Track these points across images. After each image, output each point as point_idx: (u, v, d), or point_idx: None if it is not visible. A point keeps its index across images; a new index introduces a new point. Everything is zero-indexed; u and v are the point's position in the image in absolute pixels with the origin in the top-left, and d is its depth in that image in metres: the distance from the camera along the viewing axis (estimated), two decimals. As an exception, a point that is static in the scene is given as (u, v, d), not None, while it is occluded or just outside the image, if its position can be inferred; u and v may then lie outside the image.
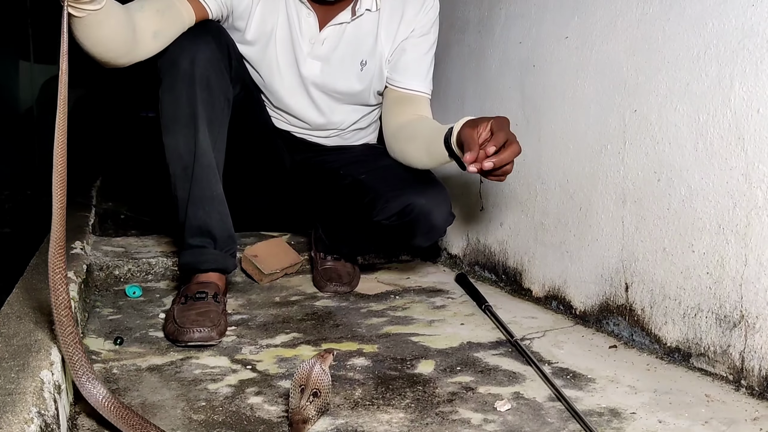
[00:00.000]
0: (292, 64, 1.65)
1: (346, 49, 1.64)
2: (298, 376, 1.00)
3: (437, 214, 1.58)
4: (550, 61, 1.60)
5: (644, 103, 1.33)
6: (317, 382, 0.99)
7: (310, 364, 1.00)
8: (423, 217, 1.57)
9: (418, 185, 1.60)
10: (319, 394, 0.99)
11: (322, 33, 1.62)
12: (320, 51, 1.63)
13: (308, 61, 1.64)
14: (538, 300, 1.67)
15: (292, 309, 1.61)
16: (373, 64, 1.66)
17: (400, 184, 1.61)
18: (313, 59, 1.64)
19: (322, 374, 1.00)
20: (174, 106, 1.44)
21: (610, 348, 1.36)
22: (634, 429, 1.02)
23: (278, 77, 1.65)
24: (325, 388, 0.99)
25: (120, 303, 1.63)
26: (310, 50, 1.63)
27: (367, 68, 1.66)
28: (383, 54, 1.66)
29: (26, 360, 0.91)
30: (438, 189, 1.61)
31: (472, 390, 1.16)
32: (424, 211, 1.56)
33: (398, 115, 1.67)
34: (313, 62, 1.64)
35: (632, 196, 1.37)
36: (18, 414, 0.75)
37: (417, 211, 1.56)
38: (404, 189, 1.58)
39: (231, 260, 1.52)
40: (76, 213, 2.31)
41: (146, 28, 1.37)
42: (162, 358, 1.28)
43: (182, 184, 1.47)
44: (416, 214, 1.56)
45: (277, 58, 1.63)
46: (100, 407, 0.93)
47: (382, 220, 1.59)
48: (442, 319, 1.55)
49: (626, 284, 1.39)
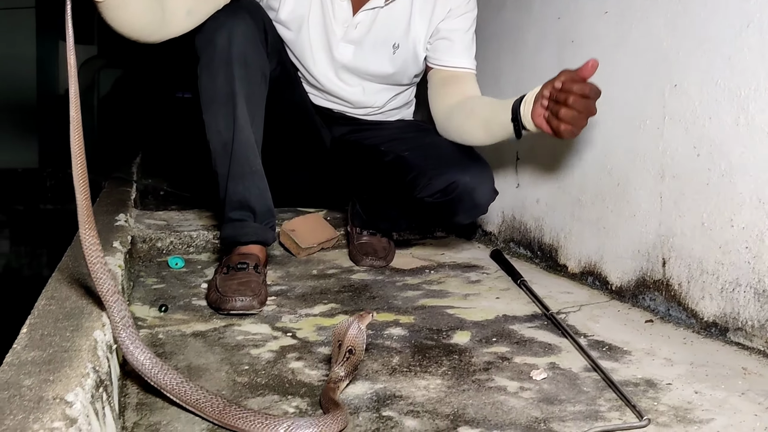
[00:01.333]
0: (325, 48, 1.66)
1: (378, 33, 1.65)
2: (336, 332, 1.04)
3: (481, 192, 1.59)
4: (589, 36, 1.59)
5: (685, 78, 1.33)
6: (353, 340, 1.01)
7: (348, 323, 1.03)
8: (467, 194, 1.58)
9: (462, 162, 1.61)
10: (354, 351, 1.01)
11: (356, 17, 1.63)
12: (353, 35, 1.64)
13: (341, 45, 1.65)
14: (574, 276, 1.67)
15: (329, 281, 1.64)
16: (406, 48, 1.67)
17: (444, 161, 1.62)
18: (346, 43, 1.65)
19: (359, 333, 1.02)
20: (212, 84, 1.47)
21: (646, 322, 1.37)
22: (670, 399, 1.02)
23: (311, 60, 1.67)
24: (359, 346, 1.02)
25: (163, 273, 1.67)
26: (343, 34, 1.64)
27: (399, 51, 1.67)
28: (418, 37, 1.67)
29: (79, 321, 0.95)
30: (482, 166, 1.62)
31: (507, 360, 1.17)
32: (468, 188, 1.57)
33: (447, 95, 1.67)
34: (346, 46, 1.66)
35: (671, 171, 1.36)
36: (75, 369, 0.78)
37: (461, 188, 1.57)
38: (448, 166, 1.59)
39: (270, 233, 1.55)
40: (118, 188, 2.37)
41: (179, 7, 1.40)
42: (205, 325, 1.32)
43: (222, 160, 1.50)
44: (460, 192, 1.57)
45: (311, 41, 1.65)
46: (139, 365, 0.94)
47: (425, 197, 1.60)
48: (477, 293, 1.57)
49: (663, 259, 1.39)
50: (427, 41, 1.68)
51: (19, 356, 0.82)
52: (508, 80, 1.92)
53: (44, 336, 0.89)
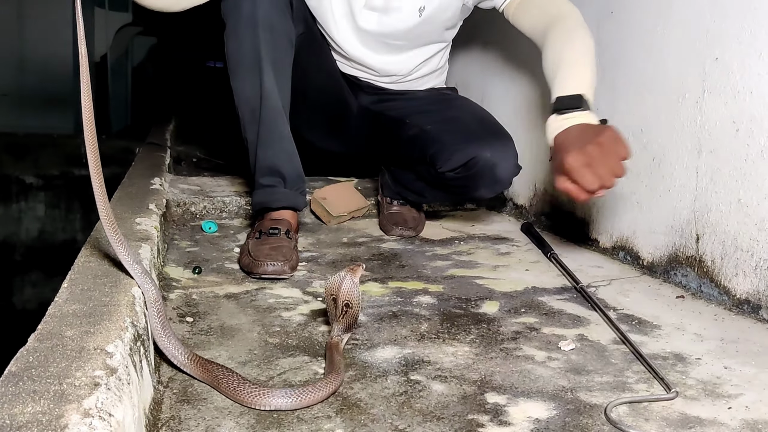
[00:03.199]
0: (348, 15, 1.62)
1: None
2: (328, 287, 1.05)
3: (502, 167, 1.58)
4: (630, 7, 1.56)
5: (726, 51, 1.30)
6: (348, 294, 1.02)
7: (341, 277, 1.03)
8: (488, 170, 1.57)
9: (484, 137, 1.59)
10: (351, 305, 1.03)
11: None
12: (376, 2, 1.59)
13: (364, 13, 1.61)
14: (605, 250, 1.66)
15: (359, 249, 1.66)
16: (432, 8, 1.60)
17: (466, 135, 1.60)
18: (370, 10, 1.60)
19: (353, 286, 1.03)
20: (238, 50, 1.47)
21: (677, 298, 1.36)
22: (698, 373, 1.02)
23: (335, 28, 1.64)
24: (355, 300, 1.03)
25: (197, 237, 1.70)
26: (365, 1, 1.60)
27: (425, 14, 1.60)
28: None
29: (117, 278, 0.97)
30: (504, 141, 1.61)
31: (536, 330, 1.18)
32: (489, 164, 1.56)
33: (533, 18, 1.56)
34: (370, 14, 1.61)
35: (708, 147, 1.34)
36: (114, 322, 0.81)
37: (482, 163, 1.56)
38: (470, 141, 1.58)
39: (301, 198, 1.56)
40: (152, 153, 2.40)
41: None
42: (238, 287, 1.34)
43: (251, 127, 1.51)
44: (481, 167, 1.57)
45: (332, 8, 1.62)
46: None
47: (446, 172, 1.60)
48: (507, 264, 1.57)
49: (697, 235, 1.38)
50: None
51: (61, 309, 0.84)
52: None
53: (84, 290, 0.91)
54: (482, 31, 2.21)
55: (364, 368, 1.00)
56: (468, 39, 2.25)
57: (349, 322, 1.04)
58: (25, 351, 0.71)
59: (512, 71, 2.08)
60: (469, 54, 2.27)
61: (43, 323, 0.79)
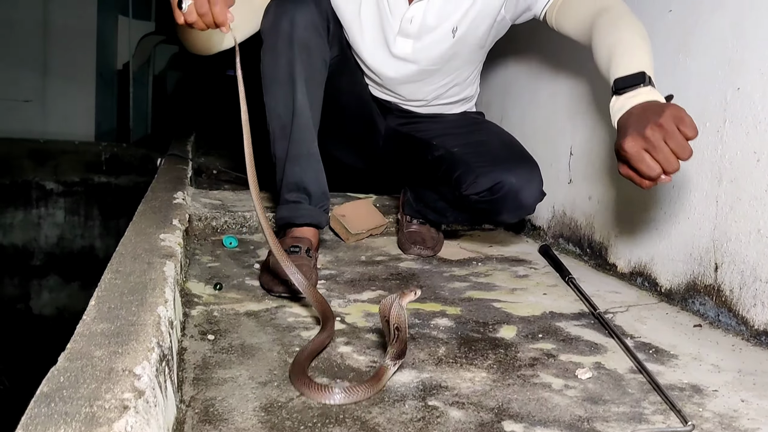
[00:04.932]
0: (382, 45, 1.64)
1: (436, 21, 1.60)
2: (381, 308, 1.08)
3: (527, 193, 1.59)
4: (651, 34, 1.56)
5: (748, 81, 1.31)
6: (397, 318, 1.05)
7: (391, 300, 1.06)
8: (512, 195, 1.58)
9: (510, 162, 1.60)
10: (400, 329, 1.05)
11: (411, 9, 1.59)
12: (410, 29, 1.60)
13: (399, 40, 1.62)
14: (623, 276, 1.67)
15: (377, 268, 1.67)
16: (465, 26, 1.60)
17: (492, 160, 1.62)
18: (404, 37, 1.62)
19: (400, 310, 1.05)
20: (273, 67, 1.50)
21: (694, 327, 1.36)
22: (715, 406, 1.02)
23: (369, 56, 1.66)
24: (402, 324, 1.05)
25: (218, 252, 1.72)
26: (399, 28, 1.61)
27: (459, 34, 1.62)
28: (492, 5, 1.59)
29: (143, 296, 1.00)
30: (530, 167, 1.62)
31: (553, 357, 1.18)
32: (514, 189, 1.57)
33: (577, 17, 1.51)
34: (405, 41, 1.62)
35: (729, 176, 1.35)
36: (142, 342, 0.82)
37: (507, 188, 1.57)
38: (495, 165, 1.59)
39: (324, 216, 1.58)
40: (174, 166, 2.43)
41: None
42: (258, 305, 1.36)
43: (281, 143, 1.54)
44: (505, 192, 1.57)
45: (365, 37, 1.64)
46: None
47: (471, 195, 1.61)
48: (525, 287, 1.58)
49: (716, 264, 1.38)
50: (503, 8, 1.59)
51: (89, 328, 0.86)
52: (566, 82, 1.90)
53: (111, 309, 0.93)
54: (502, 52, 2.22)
55: (383, 392, 1.01)
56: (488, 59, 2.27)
57: (400, 348, 1.04)
58: (56, 371, 0.73)
59: (531, 92, 2.09)
60: (490, 74, 2.29)
61: (72, 342, 0.81)
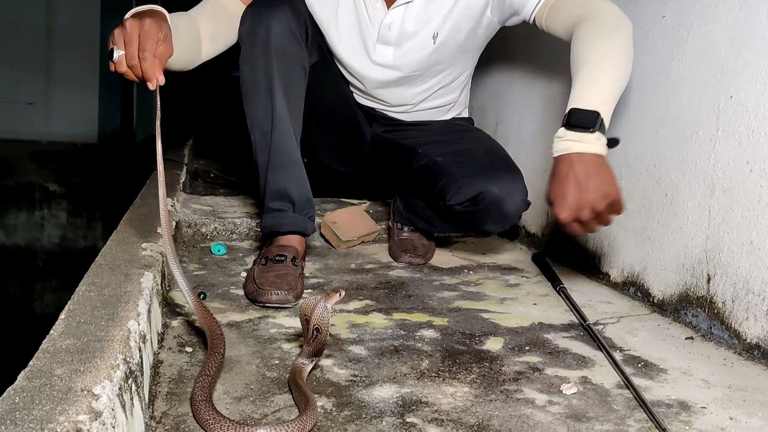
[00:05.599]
0: (362, 52, 1.61)
1: (415, 27, 1.56)
2: (303, 307, 1.05)
3: (509, 203, 1.56)
4: (644, 40, 1.54)
5: (741, 90, 1.28)
6: (319, 319, 1.03)
7: (315, 301, 1.04)
8: (495, 205, 1.55)
9: (493, 172, 1.58)
10: (320, 330, 1.03)
11: (390, 14, 1.55)
12: (389, 36, 1.57)
13: (378, 48, 1.59)
14: (616, 285, 1.64)
15: (366, 277, 1.65)
16: (445, 32, 1.57)
17: (475, 169, 1.59)
18: (384, 45, 1.59)
19: (325, 312, 1.03)
20: (251, 76, 1.49)
21: (686, 339, 1.33)
22: (702, 424, 1.00)
23: (351, 62, 1.64)
24: (325, 326, 1.03)
25: (205, 260, 1.70)
26: (378, 35, 1.58)
27: (440, 39, 1.58)
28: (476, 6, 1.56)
29: (115, 310, 0.97)
30: (513, 176, 1.59)
31: (539, 371, 1.16)
32: (497, 199, 1.55)
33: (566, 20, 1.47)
34: (384, 48, 1.59)
35: (721, 185, 1.32)
36: (106, 360, 0.80)
37: (489, 198, 1.55)
38: (478, 175, 1.57)
39: (310, 223, 1.56)
40: (168, 171, 2.41)
41: (204, 36, 1.46)
42: (241, 315, 1.34)
43: (262, 150, 1.52)
44: (488, 202, 1.55)
45: (345, 45, 1.61)
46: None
47: (454, 205, 1.59)
48: (515, 297, 1.55)
49: (708, 275, 1.35)
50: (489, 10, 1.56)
51: (55, 344, 0.84)
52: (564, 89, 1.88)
53: (80, 323, 0.91)
54: (497, 56, 2.20)
55: (360, 408, 0.99)
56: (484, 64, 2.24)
57: (317, 347, 1.05)
58: (12, 391, 0.71)
59: (527, 96, 2.07)
60: (484, 79, 2.26)
61: (34, 359, 0.79)
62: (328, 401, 1.01)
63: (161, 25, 1.19)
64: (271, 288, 1.36)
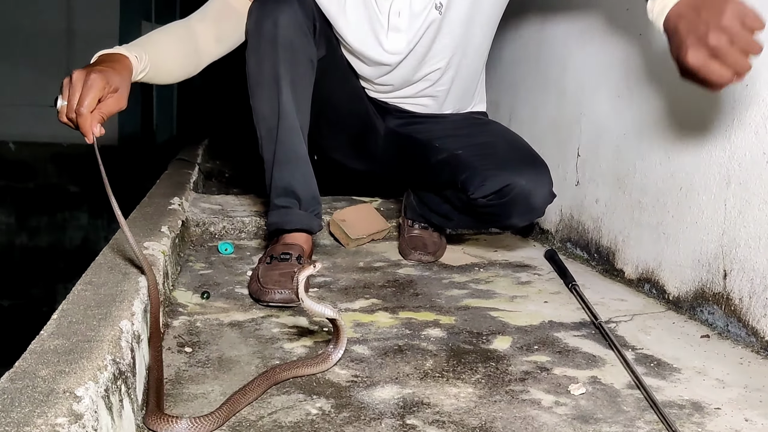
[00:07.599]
0: (374, 41, 1.56)
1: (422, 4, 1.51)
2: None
3: (537, 195, 1.53)
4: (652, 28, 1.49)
5: (758, 79, 1.23)
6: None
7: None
8: (522, 197, 1.52)
9: (519, 164, 1.54)
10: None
11: (397, 1, 1.51)
12: (400, 23, 1.53)
13: (391, 36, 1.54)
14: (630, 282, 1.59)
15: (374, 275, 1.62)
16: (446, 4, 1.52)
17: (500, 161, 1.55)
18: (396, 32, 1.54)
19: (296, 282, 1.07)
20: (258, 69, 1.46)
21: (701, 337, 1.29)
22: (716, 425, 0.96)
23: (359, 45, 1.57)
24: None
25: (212, 259, 1.69)
26: (388, 25, 1.53)
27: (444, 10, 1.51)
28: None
29: (109, 309, 0.96)
30: (539, 168, 1.55)
31: (547, 370, 1.12)
32: (524, 191, 1.51)
33: None
34: (397, 36, 1.54)
35: (737, 178, 1.27)
36: (93, 361, 0.78)
37: (516, 191, 1.51)
38: (504, 167, 1.53)
39: (316, 221, 1.53)
40: (179, 171, 2.41)
41: (208, 39, 1.46)
42: (244, 315, 1.32)
43: (268, 146, 1.50)
44: (515, 194, 1.51)
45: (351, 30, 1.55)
46: None
47: (478, 198, 1.55)
48: (526, 295, 1.52)
49: (725, 271, 1.30)
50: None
51: (43, 344, 0.83)
52: (574, 75, 1.84)
53: (71, 323, 0.90)
54: (510, 50, 2.16)
55: (359, 409, 0.96)
56: (497, 58, 2.21)
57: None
58: (-7, 393, 0.69)
59: (540, 91, 2.03)
60: (498, 73, 2.22)
61: (20, 360, 0.78)
62: (327, 402, 0.98)
63: (110, 78, 1.17)
64: (274, 287, 1.34)
